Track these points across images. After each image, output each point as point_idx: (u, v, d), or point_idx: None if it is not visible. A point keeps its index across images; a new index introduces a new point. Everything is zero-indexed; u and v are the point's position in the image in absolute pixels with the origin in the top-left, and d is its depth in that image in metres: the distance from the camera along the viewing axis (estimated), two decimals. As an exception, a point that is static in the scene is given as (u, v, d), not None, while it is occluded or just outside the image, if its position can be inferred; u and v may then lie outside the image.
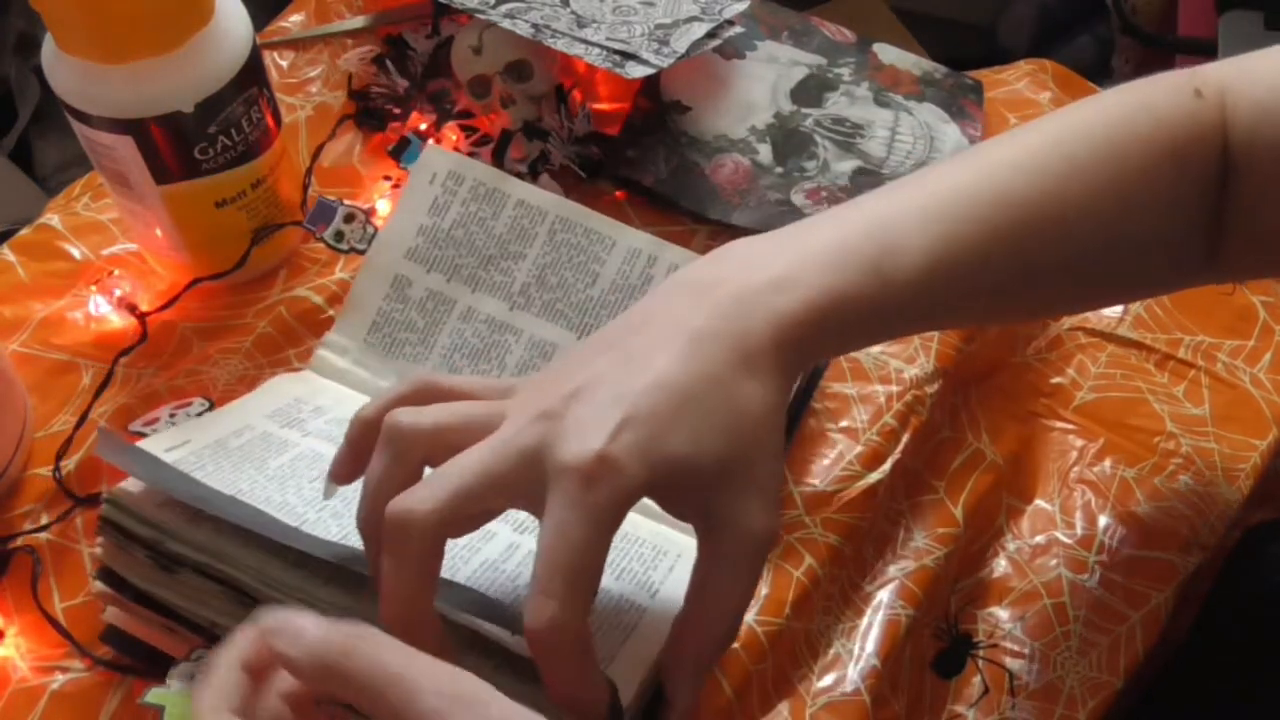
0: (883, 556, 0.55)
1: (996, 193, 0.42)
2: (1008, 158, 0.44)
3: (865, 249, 0.40)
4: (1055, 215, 0.43)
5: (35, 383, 0.57)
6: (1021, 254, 0.42)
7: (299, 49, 0.69)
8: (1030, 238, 0.42)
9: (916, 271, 0.40)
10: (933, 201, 0.42)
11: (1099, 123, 0.45)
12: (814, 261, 0.39)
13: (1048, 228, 0.43)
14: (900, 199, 0.42)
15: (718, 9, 0.66)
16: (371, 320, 0.57)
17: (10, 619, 0.50)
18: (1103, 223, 0.44)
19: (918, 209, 0.41)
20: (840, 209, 0.43)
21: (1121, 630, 0.55)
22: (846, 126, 0.67)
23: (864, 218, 0.41)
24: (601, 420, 0.35)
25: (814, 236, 0.41)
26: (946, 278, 0.41)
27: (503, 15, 0.62)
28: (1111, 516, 0.58)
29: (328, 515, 0.45)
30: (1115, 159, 0.44)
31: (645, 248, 0.57)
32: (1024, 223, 0.42)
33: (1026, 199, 0.42)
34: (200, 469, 0.46)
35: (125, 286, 0.60)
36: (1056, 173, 0.43)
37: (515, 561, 0.45)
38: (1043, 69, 0.72)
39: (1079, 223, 0.43)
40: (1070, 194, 0.43)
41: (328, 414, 0.52)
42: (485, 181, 0.58)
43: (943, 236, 0.41)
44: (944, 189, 0.42)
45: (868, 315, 0.40)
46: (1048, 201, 0.43)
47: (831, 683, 0.51)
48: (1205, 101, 0.45)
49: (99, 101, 0.50)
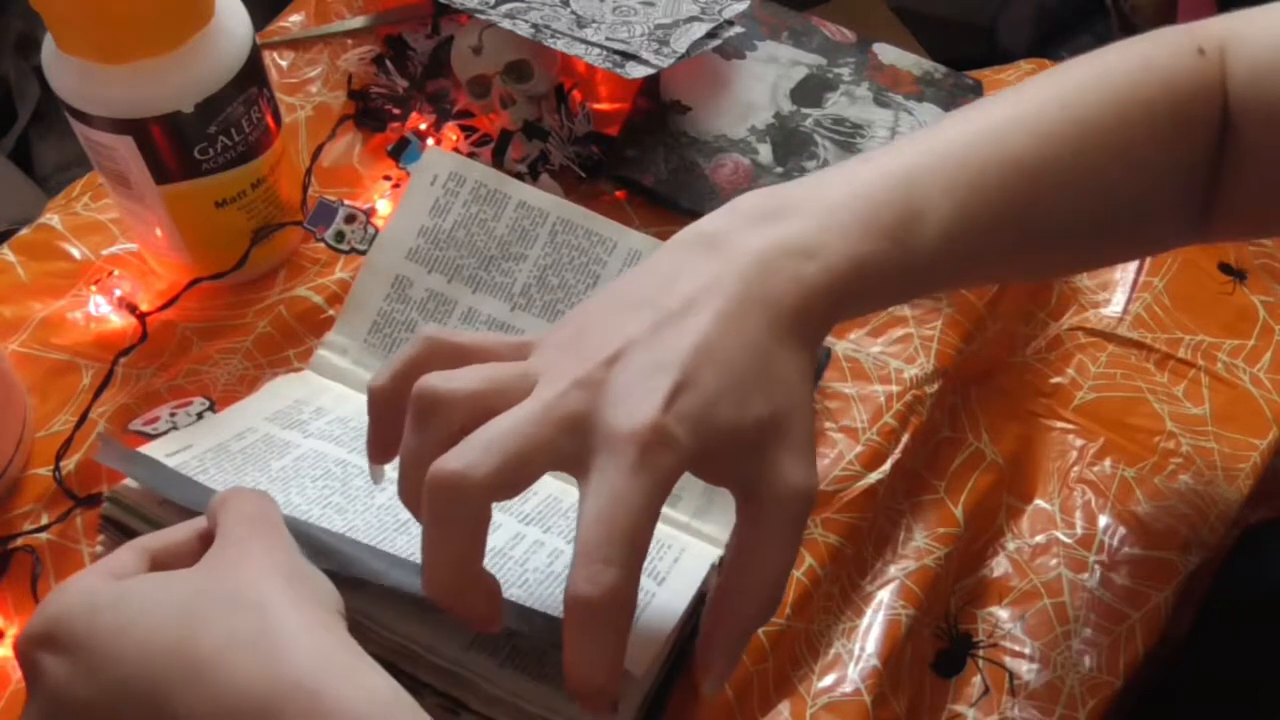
0: (883, 556, 0.55)
1: (1009, 156, 0.42)
2: (1015, 118, 0.44)
3: (885, 216, 0.40)
4: (1064, 179, 0.43)
5: (35, 383, 0.57)
6: (1033, 217, 0.43)
7: (299, 49, 0.69)
8: (1040, 201, 0.43)
9: (936, 238, 0.40)
10: (949, 165, 0.42)
11: (1104, 84, 0.45)
12: (837, 227, 0.39)
13: (1058, 191, 0.43)
14: (916, 160, 0.42)
15: (718, 9, 0.66)
16: (372, 320, 0.57)
17: (10, 619, 0.50)
18: (1110, 184, 0.44)
19: (939, 173, 0.41)
20: (853, 164, 0.43)
21: (1121, 630, 0.55)
22: (846, 126, 0.67)
23: (882, 179, 0.41)
24: (651, 388, 0.35)
25: (831, 194, 0.40)
26: (964, 243, 0.41)
27: (503, 15, 0.62)
28: (1111, 516, 0.58)
29: (332, 511, 0.46)
30: (1121, 121, 0.44)
31: (646, 249, 0.57)
32: (1034, 186, 0.42)
33: (1037, 162, 0.43)
34: (203, 473, 0.46)
35: (125, 286, 0.60)
36: (1063, 135, 0.43)
37: (522, 550, 0.45)
38: (1042, 69, 0.72)
39: (1088, 185, 0.44)
40: (1079, 157, 0.43)
41: (329, 414, 0.53)
42: (486, 183, 0.58)
43: (962, 203, 0.41)
44: (957, 151, 0.42)
45: (890, 281, 0.40)
46: (1058, 165, 0.43)
47: (831, 683, 0.51)
48: (1207, 59, 0.45)
49: (99, 101, 0.50)
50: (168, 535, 0.40)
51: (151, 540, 0.39)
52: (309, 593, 0.37)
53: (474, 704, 0.41)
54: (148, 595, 0.36)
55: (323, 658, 0.34)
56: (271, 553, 0.37)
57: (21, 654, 0.36)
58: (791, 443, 0.36)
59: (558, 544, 0.46)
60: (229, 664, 0.33)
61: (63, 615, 0.35)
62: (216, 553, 0.37)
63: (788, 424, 0.37)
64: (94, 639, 0.34)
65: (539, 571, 0.44)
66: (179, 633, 0.34)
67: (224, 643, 0.34)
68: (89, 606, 0.35)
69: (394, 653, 0.41)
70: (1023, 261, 0.46)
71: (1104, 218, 0.45)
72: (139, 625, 0.34)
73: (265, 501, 0.40)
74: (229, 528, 0.38)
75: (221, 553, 0.37)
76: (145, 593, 0.36)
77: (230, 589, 0.35)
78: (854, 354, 0.59)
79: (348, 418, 0.53)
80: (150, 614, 0.35)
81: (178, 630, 0.34)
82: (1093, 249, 0.48)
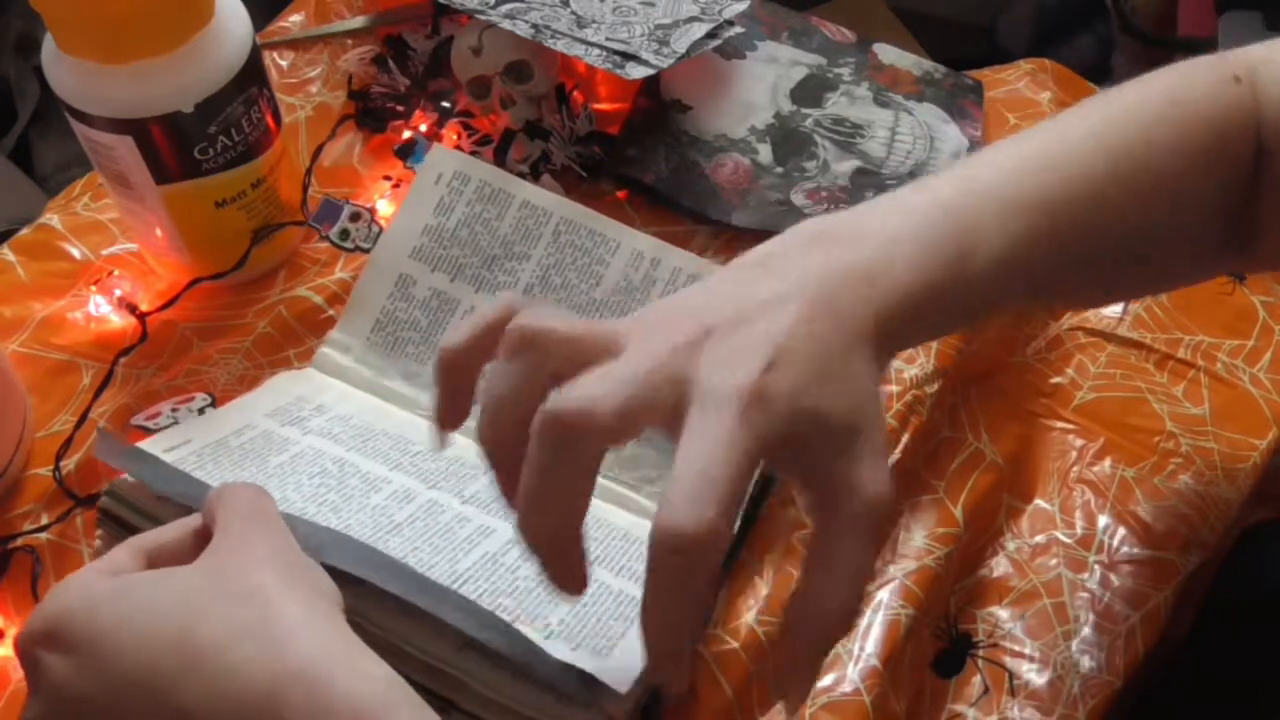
0: (883, 556, 0.55)
1: (1054, 188, 0.43)
2: (1056, 150, 0.44)
3: (946, 245, 0.40)
4: (1109, 210, 0.43)
5: (35, 383, 0.57)
6: (1082, 247, 0.43)
7: (299, 49, 0.69)
8: (1088, 231, 0.43)
9: (990, 266, 0.41)
10: (1005, 194, 0.42)
11: (1141, 115, 0.45)
12: (901, 255, 0.39)
13: (1099, 221, 0.43)
14: (968, 188, 0.42)
15: (718, 9, 0.66)
16: (375, 319, 0.57)
17: (10, 619, 0.50)
18: (1153, 216, 0.44)
19: (993, 202, 0.42)
20: (905, 193, 0.43)
21: (1121, 630, 0.55)
22: (846, 126, 0.67)
23: (941, 210, 0.41)
24: (748, 358, 0.35)
25: (887, 223, 0.41)
26: (1016, 271, 0.41)
27: (503, 16, 0.62)
28: (1111, 516, 0.58)
29: (327, 510, 0.46)
30: (1159, 151, 0.44)
31: (649, 250, 0.57)
32: (1077, 217, 0.43)
33: (1079, 194, 0.43)
34: (201, 468, 0.46)
35: (125, 286, 0.60)
36: (1103, 166, 0.44)
37: (514, 556, 0.45)
38: (1043, 69, 0.72)
39: (1131, 216, 0.44)
40: (1120, 187, 0.44)
41: (329, 412, 0.53)
42: (490, 182, 0.58)
43: (1014, 234, 0.41)
44: (1009, 180, 0.43)
45: (949, 307, 0.40)
46: (1101, 197, 0.43)
47: (831, 683, 0.51)
48: (1242, 86, 0.45)
49: (99, 101, 0.50)
50: (163, 533, 0.40)
51: (147, 539, 0.39)
52: (309, 584, 0.37)
53: (464, 704, 0.41)
54: (146, 590, 0.36)
55: (324, 647, 0.34)
56: (270, 544, 0.38)
57: (22, 652, 0.36)
58: (873, 448, 0.36)
59: None
60: (230, 654, 0.33)
61: (62, 612, 0.35)
62: (214, 547, 0.38)
63: (869, 429, 0.36)
64: (94, 634, 0.35)
65: (530, 580, 0.44)
66: (179, 625, 0.34)
67: (224, 633, 0.34)
68: (88, 603, 0.35)
69: (386, 651, 0.41)
70: (1075, 287, 0.47)
71: (1145, 248, 0.45)
72: (138, 619, 0.35)
73: (261, 495, 0.40)
74: (226, 522, 0.39)
75: (219, 546, 0.38)
76: (144, 588, 0.36)
77: (229, 581, 0.36)
78: (854, 354, 0.59)
79: (348, 415, 0.53)
80: (149, 608, 0.35)
81: (177, 623, 0.34)
82: (1134, 278, 0.49)
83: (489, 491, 0.50)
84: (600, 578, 0.46)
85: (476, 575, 0.43)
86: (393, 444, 0.51)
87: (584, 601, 0.44)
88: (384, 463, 0.49)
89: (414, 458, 0.50)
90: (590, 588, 0.45)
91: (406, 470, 0.49)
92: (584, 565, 0.37)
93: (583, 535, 0.36)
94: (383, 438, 0.52)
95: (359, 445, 0.50)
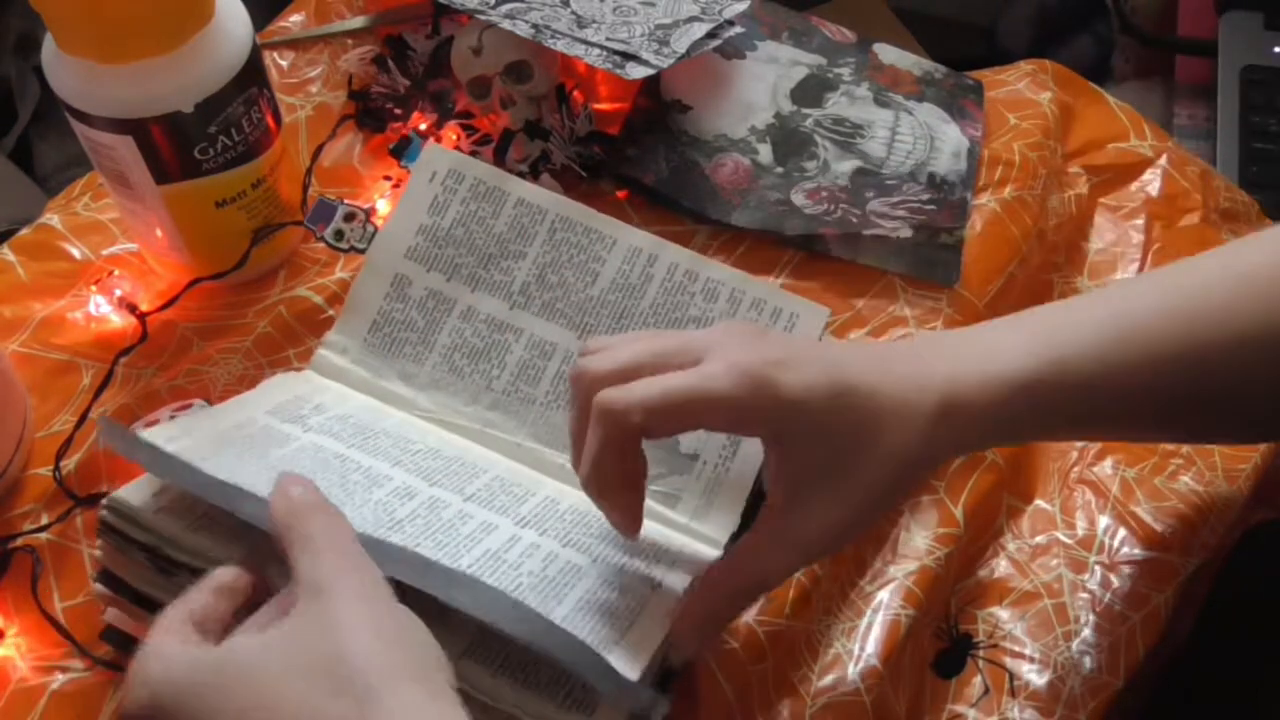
0: (883, 556, 0.55)
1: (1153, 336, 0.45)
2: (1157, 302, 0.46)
3: (1043, 347, 0.45)
4: (1209, 355, 0.45)
5: (35, 383, 0.56)
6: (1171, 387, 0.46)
7: (299, 49, 0.69)
8: (1182, 374, 0.45)
9: (1088, 376, 0.44)
10: (1111, 315, 0.46)
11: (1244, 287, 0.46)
12: (997, 349, 0.45)
13: (1202, 367, 0.45)
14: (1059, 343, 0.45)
15: (718, 9, 0.66)
16: (372, 320, 0.57)
17: (10, 619, 0.50)
18: (1251, 366, 0.45)
19: (1100, 317, 0.46)
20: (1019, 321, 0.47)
21: (1122, 630, 0.55)
22: (846, 126, 0.67)
23: (1047, 318, 0.47)
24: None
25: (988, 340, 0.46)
26: (1114, 389, 0.45)
27: (503, 16, 0.62)
28: (1112, 516, 0.58)
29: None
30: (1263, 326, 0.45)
31: (646, 247, 0.57)
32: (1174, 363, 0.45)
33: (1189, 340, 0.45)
34: (202, 459, 0.45)
35: (125, 286, 0.60)
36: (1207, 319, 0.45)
37: (517, 553, 0.45)
38: (1043, 69, 0.72)
39: (1224, 364, 0.45)
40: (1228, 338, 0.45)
41: (328, 411, 0.52)
42: (485, 180, 0.58)
43: (1113, 350, 0.45)
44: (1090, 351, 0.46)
45: (1037, 405, 0.44)
46: (1206, 343, 0.45)
47: (831, 683, 0.51)
48: None
49: (99, 101, 0.50)
50: (215, 594, 0.40)
51: (206, 598, 0.40)
52: (413, 660, 0.36)
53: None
54: (248, 669, 0.36)
55: None
56: (365, 605, 0.37)
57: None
58: (847, 498, 0.44)
59: (553, 547, 0.46)
60: None
61: (163, 687, 0.36)
62: (305, 608, 0.37)
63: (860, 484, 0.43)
64: (203, 716, 0.35)
65: (533, 575, 0.44)
66: (286, 715, 0.34)
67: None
68: (191, 682, 0.36)
69: None
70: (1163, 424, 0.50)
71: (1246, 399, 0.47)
72: (236, 702, 0.35)
73: (337, 523, 0.40)
74: (308, 572, 0.38)
75: (309, 609, 0.37)
76: (245, 665, 0.36)
77: (328, 664, 0.35)
78: (854, 354, 0.59)
79: (347, 415, 0.53)
80: (247, 690, 0.35)
81: (285, 713, 0.34)
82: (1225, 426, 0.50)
83: (490, 489, 0.50)
84: (599, 575, 0.46)
85: (479, 572, 0.43)
86: (393, 442, 0.51)
87: (585, 599, 0.44)
88: (385, 459, 0.49)
89: (414, 456, 0.50)
90: (589, 585, 0.45)
91: (407, 467, 0.49)
92: (637, 512, 0.45)
93: (635, 488, 0.45)
94: (383, 436, 0.51)
95: (359, 442, 0.50)
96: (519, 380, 0.56)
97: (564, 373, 0.55)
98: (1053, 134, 0.68)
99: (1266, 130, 0.87)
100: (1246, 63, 0.91)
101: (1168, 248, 0.67)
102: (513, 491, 0.50)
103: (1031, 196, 0.65)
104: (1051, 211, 0.66)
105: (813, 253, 0.62)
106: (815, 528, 0.43)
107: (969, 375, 0.43)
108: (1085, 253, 0.68)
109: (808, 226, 0.62)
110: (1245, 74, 0.90)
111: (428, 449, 0.51)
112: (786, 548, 0.43)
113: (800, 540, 0.43)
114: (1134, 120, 0.71)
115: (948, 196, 0.64)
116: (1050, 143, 0.68)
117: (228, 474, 0.43)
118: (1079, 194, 0.68)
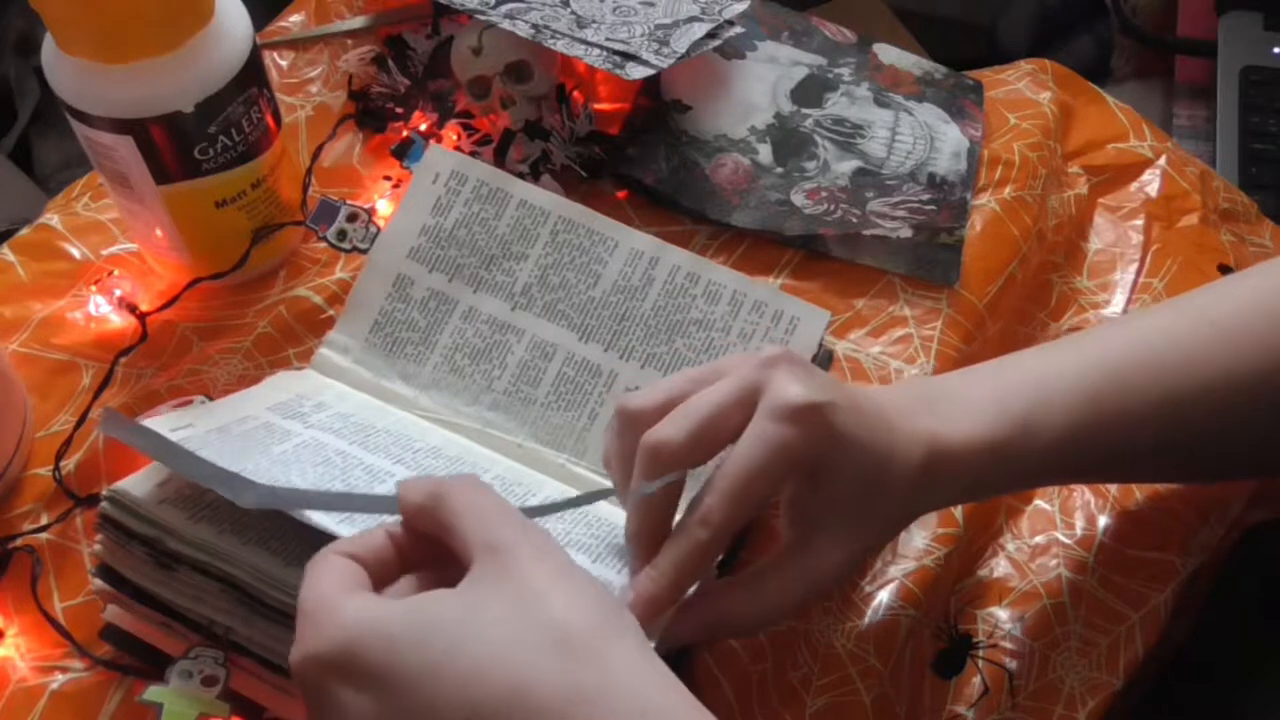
0: (883, 557, 0.55)
1: (1130, 377, 0.47)
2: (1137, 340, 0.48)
3: (1015, 406, 0.46)
4: (1185, 404, 0.47)
5: (35, 383, 0.57)
6: (1152, 429, 0.47)
7: (299, 49, 0.69)
8: (1161, 424, 0.47)
9: (1059, 433, 0.46)
10: (1083, 367, 0.48)
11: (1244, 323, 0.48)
12: (973, 409, 0.46)
13: (1178, 415, 0.47)
14: (1040, 381, 0.47)
15: (718, 9, 0.66)
16: (373, 320, 0.57)
17: (10, 619, 0.50)
18: (1225, 413, 0.47)
19: (1072, 372, 0.47)
20: (996, 367, 0.50)
21: (1121, 630, 0.55)
22: (846, 127, 0.67)
23: (1021, 373, 0.48)
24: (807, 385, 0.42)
25: (975, 388, 0.48)
26: (1087, 443, 0.46)
27: (503, 16, 0.62)
28: (1111, 516, 0.58)
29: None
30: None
31: (647, 249, 0.57)
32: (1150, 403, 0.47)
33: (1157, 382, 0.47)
34: (205, 449, 0.45)
35: (125, 286, 0.60)
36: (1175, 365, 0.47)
37: None
38: (1043, 69, 0.72)
39: (1201, 413, 0.47)
40: (1200, 382, 0.47)
41: (329, 409, 0.53)
42: (488, 181, 0.58)
43: (1083, 406, 0.46)
44: (1093, 357, 0.48)
45: (1010, 464, 0.46)
46: (1182, 392, 0.47)
47: (831, 683, 0.51)
48: None
49: (99, 101, 0.50)
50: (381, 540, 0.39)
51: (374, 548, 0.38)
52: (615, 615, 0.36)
53: None
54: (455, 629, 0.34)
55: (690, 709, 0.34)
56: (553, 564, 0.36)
57: (310, 677, 0.34)
58: (852, 532, 0.45)
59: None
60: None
61: (357, 642, 0.33)
62: (487, 569, 0.35)
63: (868, 516, 0.45)
64: (401, 676, 0.33)
65: None
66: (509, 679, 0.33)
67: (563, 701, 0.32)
68: (384, 636, 0.33)
69: None
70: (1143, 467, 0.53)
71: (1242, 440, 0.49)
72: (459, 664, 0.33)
73: (491, 492, 0.39)
74: (480, 534, 0.36)
75: (492, 569, 0.35)
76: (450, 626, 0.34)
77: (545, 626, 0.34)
78: (854, 354, 0.59)
79: (349, 413, 0.53)
80: (463, 652, 0.33)
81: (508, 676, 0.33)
82: (1211, 467, 0.53)
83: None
84: (601, 574, 0.46)
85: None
86: (394, 440, 0.51)
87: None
88: (386, 457, 0.49)
89: (416, 454, 0.51)
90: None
91: (409, 465, 0.49)
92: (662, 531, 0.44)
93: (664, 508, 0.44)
94: (384, 434, 0.52)
95: (361, 440, 0.50)
96: (520, 381, 0.56)
97: (565, 374, 0.56)
98: (1052, 134, 0.68)
99: (1266, 131, 0.87)
100: (1246, 63, 0.91)
101: (1167, 248, 0.67)
102: (513, 491, 0.50)
103: (1031, 196, 0.65)
104: (1051, 212, 0.66)
105: (813, 253, 0.62)
106: (835, 563, 0.44)
107: (949, 435, 0.45)
108: (1085, 253, 0.68)
109: (808, 226, 0.62)
110: (1245, 74, 0.91)
111: (429, 448, 0.52)
112: (806, 584, 0.44)
113: (821, 575, 0.44)
114: (1133, 120, 0.71)
115: (948, 196, 0.64)
116: (1050, 143, 0.68)
117: (230, 463, 0.43)
118: (1079, 194, 0.68)
